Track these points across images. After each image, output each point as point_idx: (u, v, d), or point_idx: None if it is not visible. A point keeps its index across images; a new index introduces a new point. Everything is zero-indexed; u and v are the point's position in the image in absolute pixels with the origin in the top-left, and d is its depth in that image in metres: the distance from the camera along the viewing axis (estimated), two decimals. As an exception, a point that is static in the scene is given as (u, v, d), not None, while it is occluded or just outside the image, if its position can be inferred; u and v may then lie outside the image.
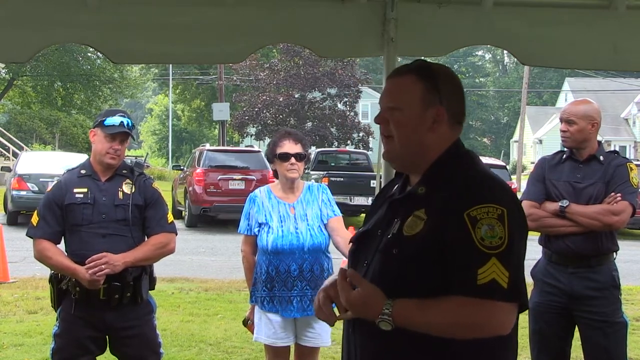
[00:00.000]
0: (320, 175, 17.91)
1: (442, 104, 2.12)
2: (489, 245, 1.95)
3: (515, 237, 1.98)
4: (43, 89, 40.53)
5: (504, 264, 1.94)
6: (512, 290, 1.95)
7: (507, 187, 2.10)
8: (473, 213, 1.96)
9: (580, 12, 4.04)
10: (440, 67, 2.20)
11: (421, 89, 2.12)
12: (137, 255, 3.85)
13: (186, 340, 6.76)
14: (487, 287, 1.93)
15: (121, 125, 3.91)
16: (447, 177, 2.08)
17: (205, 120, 51.04)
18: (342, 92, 33.11)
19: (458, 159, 2.14)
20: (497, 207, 1.98)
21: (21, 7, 3.75)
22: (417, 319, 1.98)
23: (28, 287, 9.13)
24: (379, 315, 1.98)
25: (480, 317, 1.94)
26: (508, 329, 1.99)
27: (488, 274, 1.93)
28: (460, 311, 1.94)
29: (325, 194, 4.29)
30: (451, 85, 2.17)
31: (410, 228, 2.05)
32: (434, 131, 2.12)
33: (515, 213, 2.02)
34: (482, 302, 1.93)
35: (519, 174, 33.96)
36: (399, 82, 2.17)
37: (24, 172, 16.27)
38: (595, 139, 4.13)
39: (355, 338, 2.16)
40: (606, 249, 4.02)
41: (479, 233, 1.95)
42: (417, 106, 2.12)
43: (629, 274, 10.54)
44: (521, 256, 2.04)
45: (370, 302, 2.01)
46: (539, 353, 4.14)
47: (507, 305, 1.96)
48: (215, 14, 3.90)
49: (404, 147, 2.14)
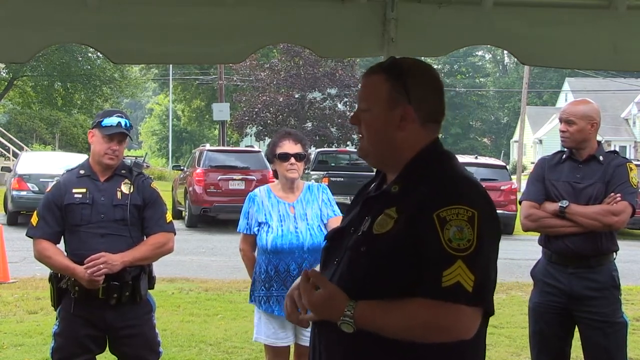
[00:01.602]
0: (320, 175, 17.92)
1: (410, 102, 2.09)
2: (456, 248, 1.91)
3: (484, 240, 1.95)
4: (43, 89, 40.51)
5: (470, 267, 1.91)
6: (476, 294, 1.91)
7: (481, 189, 2.07)
8: (443, 214, 1.94)
9: (581, 12, 4.04)
10: (413, 65, 2.15)
11: (387, 88, 2.10)
12: (136, 255, 3.86)
13: (186, 340, 6.76)
14: (451, 289, 1.89)
15: (119, 126, 3.91)
16: (421, 177, 2.05)
17: (205, 121, 51.04)
18: (342, 92, 33.10)
19: (434, 159, 2.11)
20: (468, 209, 1.95)
21: (21, 7, 3.75)
22: (379, 321, 1.95)
23: (28, 287, 9.13)
24: (340, 317, 1.96)
25: (443, 320, 1.91)
26: (471, 333, 1.95)
27: (453, 277, 1.90)
28: (423, 313, 1.92)
29: (326, 194, 4.29)
30: (423, 83, 2.13)
31: (380, 226, 2.03)
32: (403, 130, 2.09)
33: (487, 216, 1.98)
34: (445, 305, 1.90)
35: (519, 174, 33.95)
36: (369, 81, 2.16)
37: (24, 173, 16.27)
38: (594, 139, 4.12)
39: (320, 341, 2.13)
40: (606, 249, 4.02)
41: (447, 234, 1.92)
42: (383, 106, 2.10)
43: (629, 274, 10.54)
44: (491, 260, 2.00)
45: (332, 303, 1.98)
46: (539, 353, 4.14)
47: (470, 310, 1.92)
48: (215, 14, 3.90)
49: (373, 147, 2.14)
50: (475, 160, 19.14)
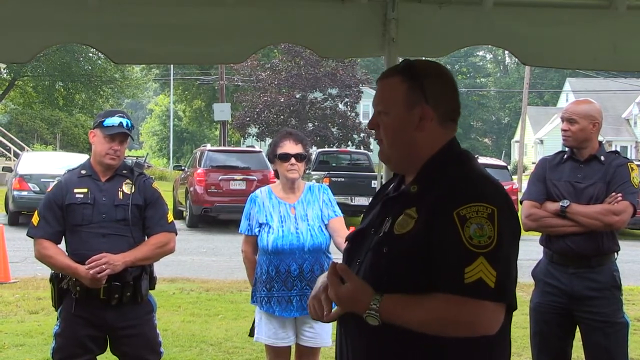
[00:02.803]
0: (321, 175, 17.91)
1: (427, 102, 2.11)
2: (477, 244, 1.94)
3: (504, 237, 1.97)
4: (44, 89, 40.56)
5: (491, 264, 1.93)
6: (499, 290, 1.93)
7: (500, 187, 2.10)
8: (462, 212, 1.96)
9: (581, 12, 4.04)
10: (427, 66, 2.19)
11: (404, 89, 2.11)
12: (137, 255, 3.86)
13: (187, 340, 6.76)
14: (474, 285, 1.92)
15: (120, 126, 3.91)
16: (440, 176, 2.08)
17: (206, 121, 51.06)
18: (343, 92, 33.12)
19: (452, 158, 2.13)
20: (487, 206, 1.97)
21: (22, 8, 3.75)
22: (404, 314, 1.97)
23: (29, 287, 9.13)
24: (366, 310, 1.98)
25: (466, 315, 1.94)
26: (494, 329, 1.97)
27: (475, 273, 1.92)
28: (446, 308, 1.94)
29: (326, 194, 4.29)
30: (439, 83, 2.15)
31: (401, 226, 2.05)
32: (423, 130, 2.11)
33: (506, 213, 2.01)
34: (467, 301, 1.92)
35: (520, 174, 33.94)
36: (385, 84, 2.17)
37: (25, 173, 16.28)
38: (596, 138, 4.12)
39: (346, 335, 2.16)
40: (607, 249, 4.02)
41: (467, 232, 1.94)
42: (401, 107, 2.11)
43: (630, 275, 10.53)
44: (511, 256, 2.02)
45: (358, 296, 2.01)
46: (539, 353, 4.14)
47: (493, 305, 1.94)
48: (216, 14, 3.90)
49: (393, 150, 2.15)
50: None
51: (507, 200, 2.06)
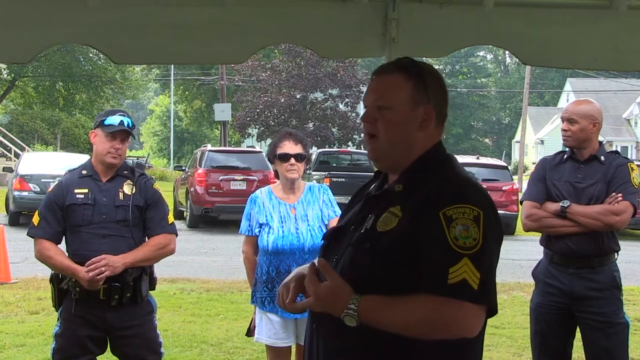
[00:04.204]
0: (321, 175, 17.91)
1: (430, 102, 2.11)
2: (462, 245, 1.93)
3: (489, 240, 1.97)
4: (45, 89, 40.56)
5: (475, 265, 1.92)
6: (481, 292, 1.92)
7: (484, 190, 2.09)
8: (449, 212, 1.95)
9: (581, 12, 4.04)
10: (427, 66, 2.19)
11: (411, 87, 2.11)
12: (137, 256, 3.86)
13: (188, 340, 6.76)
14: (457, 286, 1.90)
15: (121, 125, 3.92)
16: (426, 176, 2.07)
17: (207, 121, 51.05)
18: (343, 92, 33.13)
19: (438, 159, 2.13)
20: (474, 209, 1.97)
21: (22, 8, 3.75)
22: (384, 316, 1.95)
23: (29, 287, 9.14)
24: (344, 309, 1.96)
25: (448, 316, 1.92)
26: (475, 331, 1.96)
27: (459, 274, 1.91)
28: (428, 309, 1.92)
29: (327, 195, 4.29)
30: (438, 85, 2.16)
31: (384, 224, 2.04)
32: (423, 130, 2.12)
33: (492, 218, 2.00)
34: (450, 302, 1.90)
35: (521, 174, 33.94)
36: (387, 80, 2.14)
37: (26, 173, 16.28)
38: (596, 139, 4.12)
39: (317, 335, 2.13)
40: (607, 249, 4.02)
41: (453, 232, 1.93)
42: (406, 105, 2.10)
43: (631, 275, 10.53)
44: (494, 260, 2.01)
45: (337, 295, 1.98)
46: (540, 353, 4.14)
47: (475, 307, 1.93)
48: (216, 15, 3.89)
49: (392, 146, 2.12)
50: (477, 160, 19.12)
51: (492, 205, 2.06)
